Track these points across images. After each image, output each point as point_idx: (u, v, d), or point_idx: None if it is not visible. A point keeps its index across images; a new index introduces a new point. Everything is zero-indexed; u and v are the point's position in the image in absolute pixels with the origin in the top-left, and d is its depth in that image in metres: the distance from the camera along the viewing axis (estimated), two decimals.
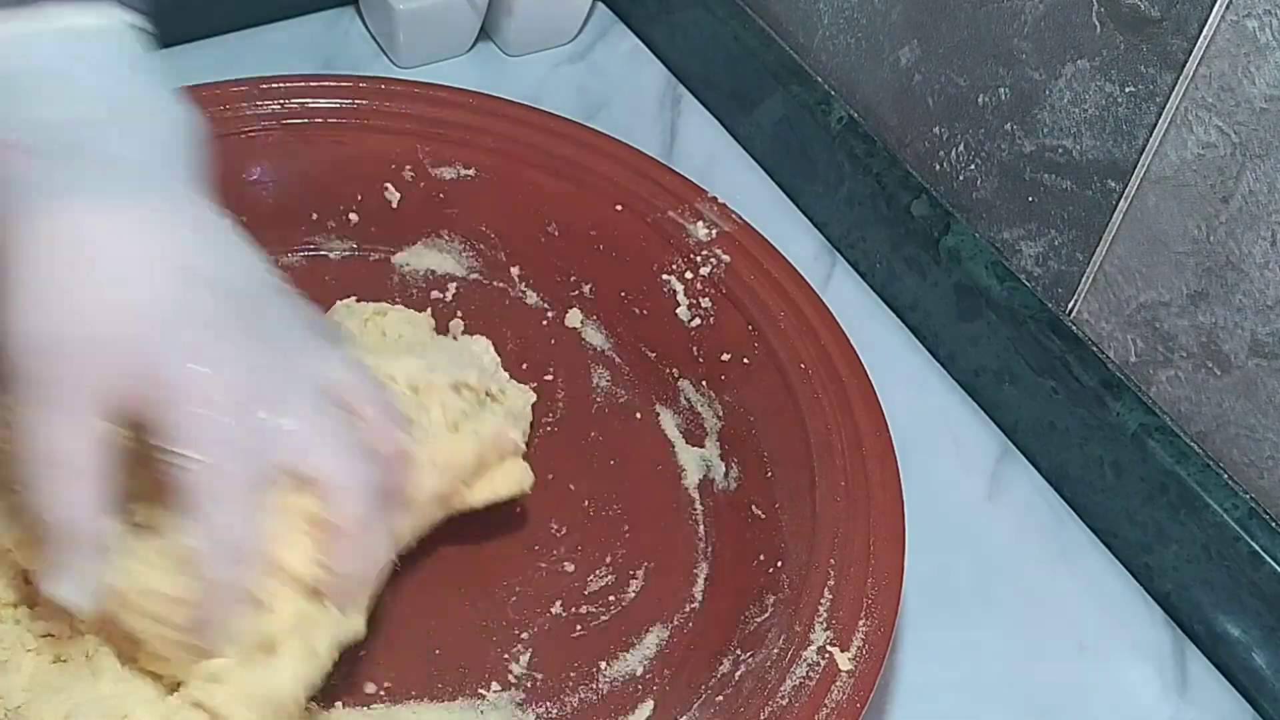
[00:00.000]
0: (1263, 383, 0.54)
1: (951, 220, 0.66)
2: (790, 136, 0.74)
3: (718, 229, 0.63)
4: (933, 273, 0.67)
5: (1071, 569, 0.61)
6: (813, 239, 0.73)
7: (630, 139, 0.67)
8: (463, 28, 0.79)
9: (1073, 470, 0.62)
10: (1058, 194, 0.60)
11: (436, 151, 0.66)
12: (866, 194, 0.70)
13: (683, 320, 0.62)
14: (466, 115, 0.67)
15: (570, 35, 0.82)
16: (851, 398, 0.56)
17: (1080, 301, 0.61)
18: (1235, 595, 0.56)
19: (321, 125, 0.66)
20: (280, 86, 0.66)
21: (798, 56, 0.74)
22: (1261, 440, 0.55)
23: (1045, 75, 0.59)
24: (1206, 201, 0.54)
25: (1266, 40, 0.49)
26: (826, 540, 0.52)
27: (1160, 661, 0.58)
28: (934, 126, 0.66)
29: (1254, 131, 0.51)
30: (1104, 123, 0.57)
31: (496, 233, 0.66)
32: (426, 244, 0.66)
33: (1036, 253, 0.63)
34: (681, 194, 0.64)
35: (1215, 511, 0.56)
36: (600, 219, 0.64)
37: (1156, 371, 0.59)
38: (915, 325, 0.69)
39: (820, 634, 0.49)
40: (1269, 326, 0.53)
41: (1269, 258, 0.52)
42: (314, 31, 0.80)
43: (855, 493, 0.53)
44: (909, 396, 0.64)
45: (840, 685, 0.47)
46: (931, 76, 0.65)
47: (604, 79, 0.81)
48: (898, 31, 0.66)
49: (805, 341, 0.58)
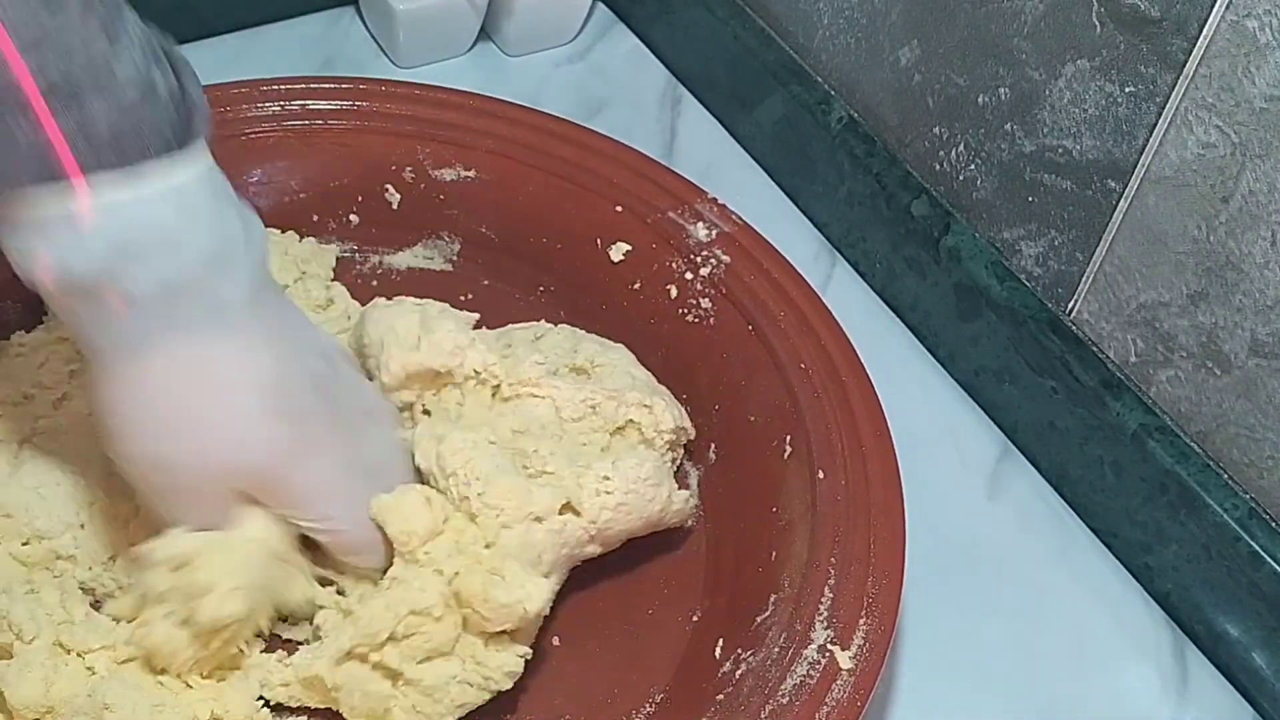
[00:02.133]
0: (1263, 383, 0.54)
1: (951, 220, 0.66)
2: (790, 136, 0.74)
3: (717, 230, 0.63)
4: (933, 273, 0.67)
5: (1071, 569, 0.61)
6: (813, 239, 0.73)
7: (630, 139, 0.67)
8: (463, 28, 0.79)
9: (1073, 470, 0.62)
10: (1058, 194, 0.60)
11: (437, 153, 0.66)
12: (866, 194, 0.70)
13: (683, 321, 0.62)
14: (467, 117, 0.67)
15: (570, 35, 0.83)
16: (851, 398, 0.56)
17: (1080, 301, 0.61)
18: (1235, 595, 0.56)
19: (322, 127, 0.66)
20: (281, 88, 0.66)
21: (798, 56, 0.74)
22: (1261, 440, 0.55)
23: (1045, 75, 0.59)
24: (1206, 201, 0.54)
25: (1266, 40, 0.49)
26: (827, 540, 0.52)
27: (1160, 661, 0.58)
28: (934, 126, 0.66)
29: (1254, 131, 0.51)
30: (1104, 123, 0.57)
31: (497, 234, 0.66)
32: (426, 245, 0.66)
33: (1036, 253, 0.63)
34: (681, 195, 0.64)
35: (1215, 511, 0.56)
36: (600, 220, 0.64)
37: (1156, 371, 0.59)
38: (915, 325, 0.69)
39: (821, 632, 0.49)
40: (1269, 326, 0.53)
41: (1269, 258, 0.52)
42: (314, 31, 0.80)
43: (855, 493, 0.53)
44: (909, 396, 0.64)
45: (841, 684, 0.47)
46: (931, 76, 0.65)
47: (604, 79, 0.81)
48: (898, 31, 0.66)
49: (805, 341, 0.58)
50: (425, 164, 0.66)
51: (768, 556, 0.54)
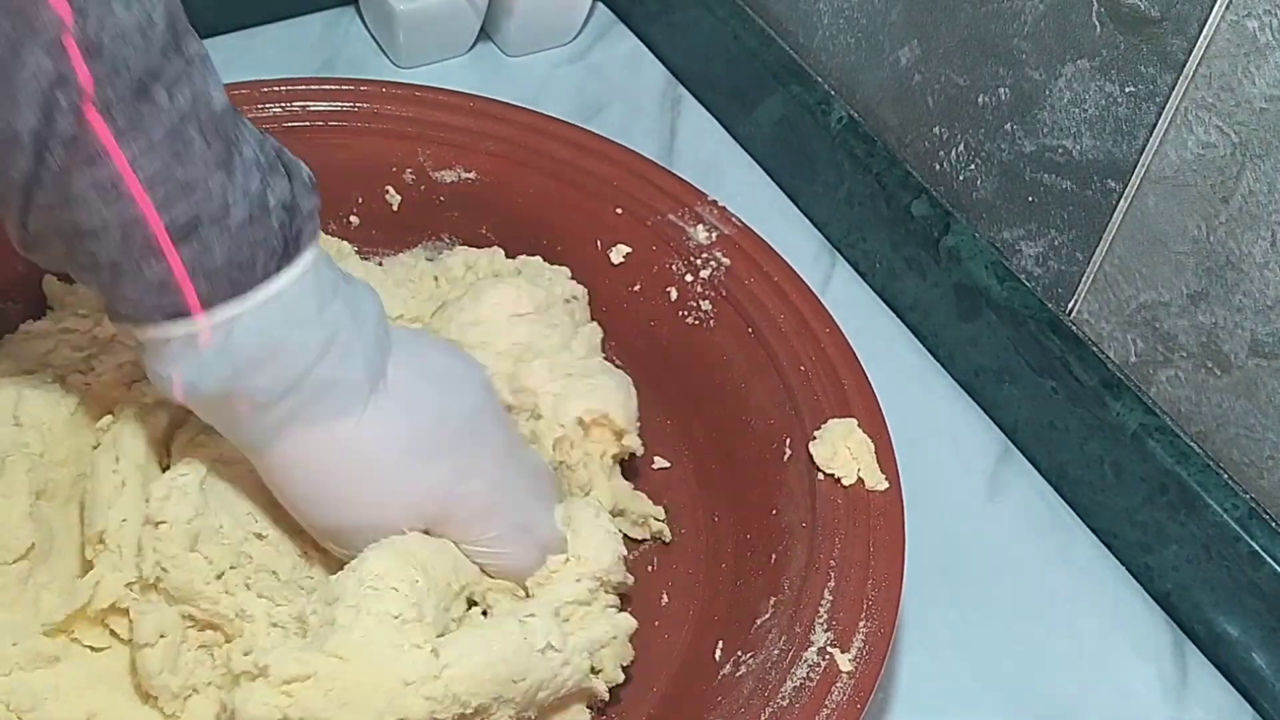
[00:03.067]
0: (1263, 383, 0.54)
1: (951, 220, 0.66)
2: (790, 136, 0.74)
3: (717, 232, 0.63)
4: (933, 273, 0.67)
5: (1071, 569, 0.61)
6: (813, 239, 0.73)
7: (630, 139, 0.67)
8: (463, 28, 0.79)
9: (1073, 470, 0.62)
10: (1058, 194, 0.60)
11: (437, 155, 0.66)
12: (866, 194, 0.70)
13: (683, 323, 0.62)
14: (467, 119, 0.67)
15: (570, 35, 0.83)
16: (851, 398, 0.56)
17: (1080, 301, 0.61)
18: (1235, 595, 0.56)
19: (322, 128, 0.66)
20: (281, 89, 0.66)
21: (798, 56, 0.74)
22: (1261, 440, 0.55)
23: (1045, 75, 0.59)
24: (1206, 201, 0.54)
25: (1266, 40, 0.49)
26: (826, 542, 0.52)
27: (1160, 661, 0.58)
28: (934, 126, 0.66)
29: (1254, 131, 0.51)
30: (1104, 123, 0.57)
31: (497, 236, 0.66)
32: (426, 247, 0.66)
33: (1036, 253, 0.63)
34: (681, 197, 0.64)
35: (1215, 511, 0.56)
36: (600, 222, 0.64)
37: (1156, 371, 0.59)
38: (915, 325, 0.69)
39: (821, 635, 0.49)
40: (1269, 326, 0.53)
41: (1269, 258, 0.52)
42: (314, 32, 0.80)
43: (855, 494, 0.53)
44: (909, 396, 0.64)
45: (841, 686, 0.47)
46: (931, 76, 0.65)
47: (604, 79, 0.81)
48: (898, 31, 0.66)
49: (805, 344, 0.58)
50: (425, 165, 0.66)
51: (767, 559, 0.54)
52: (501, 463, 0.51)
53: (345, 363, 0.46)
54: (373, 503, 0.49)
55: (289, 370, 0.45)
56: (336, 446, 0.47)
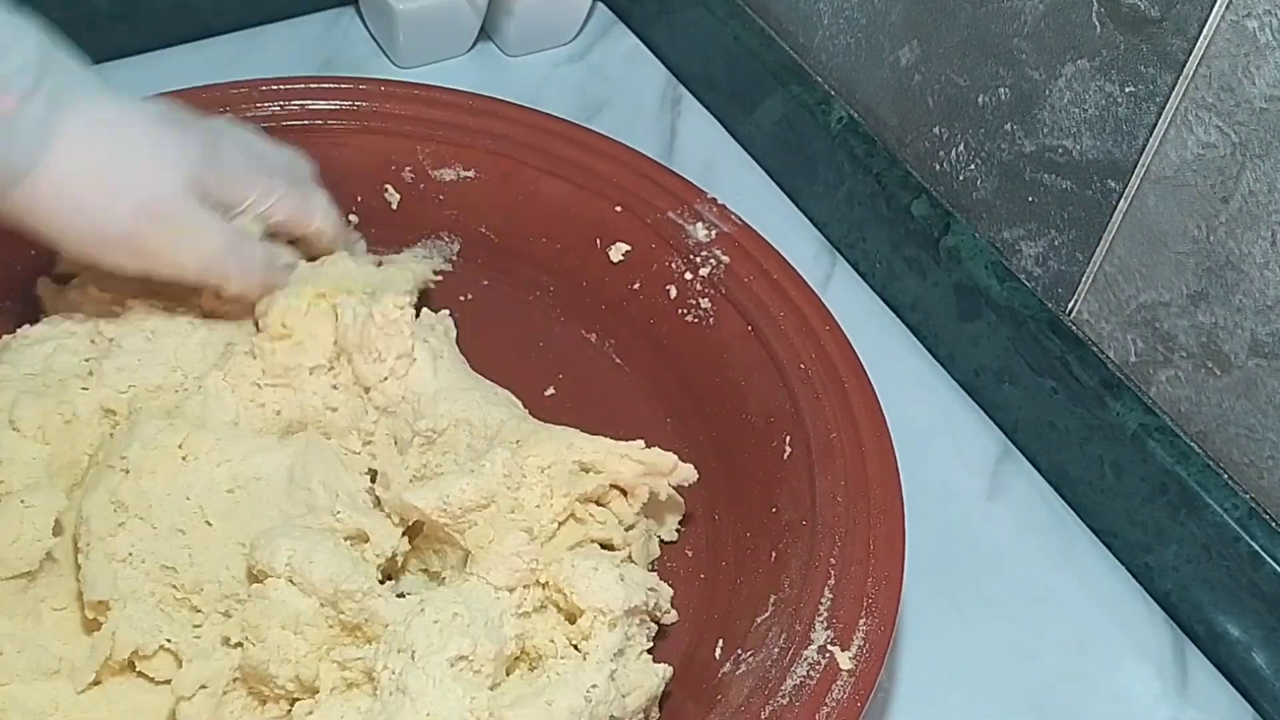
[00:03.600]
0: (1263, 383, 0.54)
1: (951, 220, 0.66)
2: (790, 136, 0.74)
3: (717, 230, 0.63)
4: (933, 273, 0.67)
5: (1071, 569, 0.61)
6: (813, 239, 0.73)
7: (630, 139, 0.67)
8: (463, 28, 0.79)
9: (1073, 470, 0.62)
10: (1058, 194, 0.60)
11: (436, 153, 0.66)
12: (866, 194, 0.70)
13: (682, 321, 0.62)
14: (466, 117, 0.67)
15: (570, 35, 0.83)
16: (851, 398, 0.56)
17: (1080, 301, 0.61)
18: (1235, 595, 0.56)
19: (321, 127, 0.66)
20: (280, 88, 0.66)
21: (798, 56, 0.74)
22: (1261, 440, 0.55)
23: (1045, 75, 0.59)
24: (1206, 201, 0.54)
25: (1266, 40, 0.49)
26: (826, 540, 0.52)
27: (1160, 661, 0.58)
28: (934, 126, 0.66)
29: (1254, 131, 0.51)
30: (1104, 123, 0.57)
31: (496, 234, 0.66)
32: (426, 245, 0.66)
33: (1036, 253, 0.63)
34: (681, 195, 0.64)
35: (1215, 511, 0.56)
36: (600, 220, 0.64)
37: (1156, 371, 0.59)
38: (915, 325, 0.69)
39: (821, 633, 0.49)
40: (1269, 326, 0.53)
41: (1269, 258, 0.52)
42: (314, 31, 0.80)
43: (855, 493, 0.53)
44: (909, 396, 0.64)
45: (841, 684, 0.47)
46: (931, 76, 0.65)
47: (604, 79, 0.81)
48: (898, 31, 0.66)
49: (805, 342, 0.58)
50: (425, 164, 0.66)
51: (767, 557, 0.53)
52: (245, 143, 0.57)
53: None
54: (148, 169, 0.52)
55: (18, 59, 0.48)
56: (103, 121, 0.51)
